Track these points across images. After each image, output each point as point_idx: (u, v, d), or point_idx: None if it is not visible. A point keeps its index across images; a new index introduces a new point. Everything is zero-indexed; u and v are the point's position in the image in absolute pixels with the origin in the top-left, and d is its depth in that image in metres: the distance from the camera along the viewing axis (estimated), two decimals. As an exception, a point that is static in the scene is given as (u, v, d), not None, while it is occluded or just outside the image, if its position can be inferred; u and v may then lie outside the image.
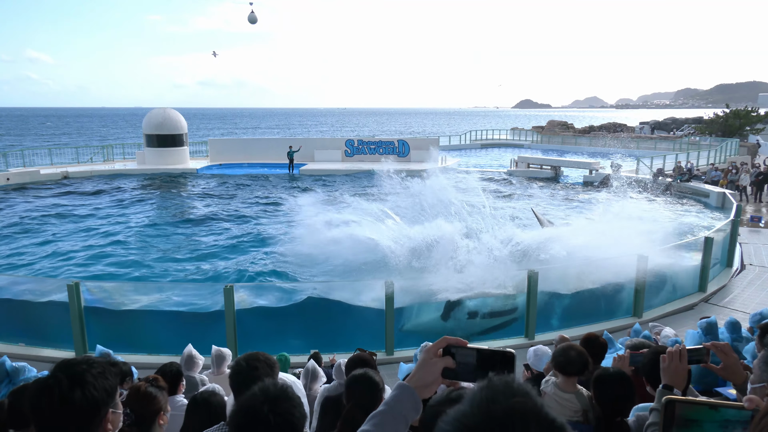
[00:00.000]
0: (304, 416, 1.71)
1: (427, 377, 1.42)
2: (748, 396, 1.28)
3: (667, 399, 1.33)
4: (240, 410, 1.67)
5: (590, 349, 3.52)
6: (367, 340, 8.54)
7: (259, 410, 1.62)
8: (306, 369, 4.76)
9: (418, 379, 1.43)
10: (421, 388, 1.42)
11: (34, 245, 15.18)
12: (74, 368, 1.55)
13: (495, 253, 11.76)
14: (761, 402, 1.25)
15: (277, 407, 1.64)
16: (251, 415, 1.63)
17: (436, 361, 1.41)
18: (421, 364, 1.44)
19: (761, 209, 20.01)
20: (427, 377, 1.42)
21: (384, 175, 17.89)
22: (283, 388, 1.71)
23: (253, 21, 29.06)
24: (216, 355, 5.22)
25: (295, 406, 1.68)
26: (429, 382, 1.42)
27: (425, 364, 1.43)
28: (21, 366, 4.35)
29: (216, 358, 5.20)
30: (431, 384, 1.42)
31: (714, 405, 1.33)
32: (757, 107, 48.72)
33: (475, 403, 0.90)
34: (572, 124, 59.63)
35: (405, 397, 1.41)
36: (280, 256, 13.82)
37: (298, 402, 1.71)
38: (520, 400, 0.88)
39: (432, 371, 1.41)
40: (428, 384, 1.42)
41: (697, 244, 11.07)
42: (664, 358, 2.07)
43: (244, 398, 1.69)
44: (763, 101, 69.52)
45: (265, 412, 1.62)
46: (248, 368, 2.62)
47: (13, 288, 9.75)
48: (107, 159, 32.30)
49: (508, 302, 9.53)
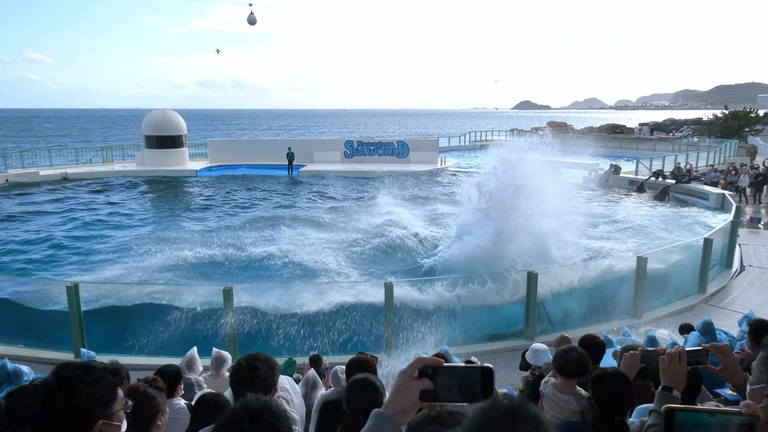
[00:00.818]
0: (290, 429, 1.63)
1: (405, 402, 1.34)
2: (745, 402, 1.29)
3: (666, 408, 1.33)
4: (221, 427, 1.60)
5: (588, 349, 3.53)
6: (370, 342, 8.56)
7: (240, 425, 1.56)
8: (306, 378, 4.78)
9: (396, 404, 1.35)
10: (400, 414, 1.34)
11: (33, 246, 15.17)
12: (66, 372, 1.52)
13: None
14: (758, 408, 1.26)
15: (259, 421, 1.57)
16: (230, 430, 1.56)
17: (413, 384, 1.34)
18: (396, 389, 1.36)
19: (760, 210, 20.02)
20: (405, 402, 1.34)
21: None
22: (267, 402, 1.63)
23: (252, 22, 29.07)
24: (216, 357, 5.21)
25: (279, 420, 1.60)
26: (407, 407, 1.34)
27: (401, 388, 1.35)
28: (22, 369, 4.35)
29: (216, 361, 5.19)
30: (409, 409, 1.34)
31: (712, 412, 1.34)
32: (756, 108, 48.74)
33: (472, 428, 0.87)
34: (571, 125, 59.66)
35: (383, 425, 1.34)
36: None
37: (283, 416, 1.63)
38: (521, 428, 0.84)
39: (410, 395, 1.33)
40: (406, 409, 1.34)
41: (696, 245, 11.07)
42: (664, 359, 2.07)
43: (226, 414, 1.63)
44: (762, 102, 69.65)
45: (246, 427, 1.55)
46: (248, 368, 2.61)
47: (11, 289, 9.74)
48: (107, 160, 32.30)
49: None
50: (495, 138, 54.42)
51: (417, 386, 1.33)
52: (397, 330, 8.39)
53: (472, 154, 45.15)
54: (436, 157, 31.98)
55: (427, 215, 18.20)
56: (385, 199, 19.78)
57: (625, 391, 2.68)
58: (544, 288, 9.27)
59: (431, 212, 18.66)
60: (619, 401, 2.67)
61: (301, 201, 21.73)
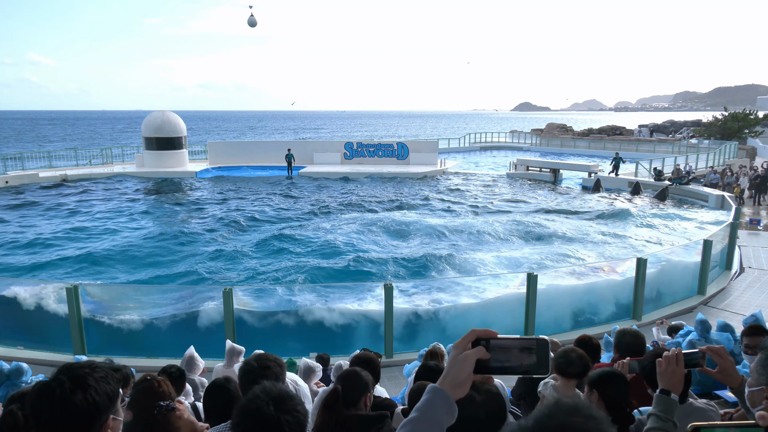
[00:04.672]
0: (307, 413, 1.72)
1: (459, 375, 1.28)
2: (761, 413, 1.30)
3: (692, 427, 1.34)
4: (244, 410, 1.66)
5: (584, 350, 3.54)
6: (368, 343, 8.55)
7: (264, 409, 1.63)
8: (301, 366, 4.86)
9: (452, 378, 1.29)
10: (455, 388, 1.29)
11: (33, 247, 15.17)
12: (77, 371, 1.54)
13: None
14: None
15: (282, 405, 1.65)
16: (256, 414, 1.63)
17: (467, 354, 1.28)
18: (452, 362, 1.31)
19: (760, 212, 20.03)
20: (459, 375, 1.28)
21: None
22: (285, 388, 1.72)
23: (252, 24, 29.09)
24: (230, 349, 5.26)
25: (299, 404, 1.69)
26: (462, 380, 1.29)
27: (456, 361, 1.30)
28: (22, 366, 4.31)
29: (229, 353, 5.24)
30: (464, 382, 1.29)
31: (731, 426, 1.34)
32: (755, 110, 48.76)
33: (536, 417, 0.90)
34: (571, 126, 59.67)
35: (438, 402, 1.28)
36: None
37: (300, 400, 1.72)
38: (579, 420, 0.87)
39: (464, 367, 1.28)
40: (461, 382, 1.29)
41: (696, 246, 11.08)
42: (660, 362, 2.07)
43: (247, 399, 1.70)
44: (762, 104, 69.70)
45: (271, 410, 1.63)
46: (259, 368, 2.65)
47: (11, 290, 9.74)
48: (106, 162, 32.31)
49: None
50: (495, 140, 54.52)
51: (472, 356, 1.28)
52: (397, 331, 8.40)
53: (472, 155, 45.21)
54: (435, 158, 31.99)
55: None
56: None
57: (622, 391, 2.71)
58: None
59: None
60: (618, 401, 2.69)
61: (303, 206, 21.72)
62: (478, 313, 9.74)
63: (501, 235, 16.39)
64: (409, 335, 9.20)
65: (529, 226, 17.57)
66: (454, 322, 9.44)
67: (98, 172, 28.81)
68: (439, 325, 9.39)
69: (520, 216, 19.04)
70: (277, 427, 1.62)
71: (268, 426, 1.62)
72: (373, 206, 21.06)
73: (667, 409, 1.98)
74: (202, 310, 9.18)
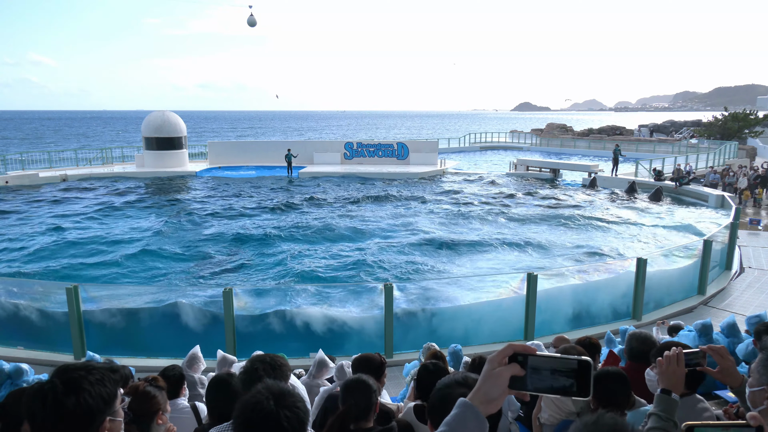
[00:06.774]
0: (308, 411, 1.74)
1: (492, 391, 1.23)
2: (751, 414, 1.31)
3: (686, 426, 1.34)
4: (246, 406, 1.68)
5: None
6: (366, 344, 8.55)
7: (264, 404, 1.65)
8: (316, 358, 4.83)
9: (484, 393, 1.23)
10: (486, 404, 1.23)
11: (33, 248, 15.16)
12: (71, 374, 1.52)
13: None
14: (763, 421, 1.29)
15: (283, 401, 1.67)
16: (256, 408, 1.66)
17: (502, 370, 1.23)
18: (485, 377, 1.25)
19: (760, 212, 20.03)
20: (492, 391, 1.23)
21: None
22: (285, 385, 1.75)
23: (252, 24, 29.08)
24: (221, 359, 5.22)
25: (299, 401, 1.72)
26: (495, 396, 1.23)
27: (489, 375, 1.24)
28: (22, 366, 4.31)
29: (221, 363, 5.20)
30: (497, 398, 1.23)
31: (726, 426, 1.38)
32: (755, 110, 48.78)
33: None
34: (571, 127, 59.67)
35: (468, 417, 1.22)
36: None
37: (300, 397, 1.74)
38: None
39: (498, 383, 1.22)
40: (494, 398, 1.23)
41: (695, 246, 11.08)
42: (661, 362, 2.07)
43: (249, 395, 1.72)
44: (762, 104, 69.75)
45: (272, 406, 1.65)
46: (260, 369, 2.66)
47: (11, 290, 9.73)
48: (106, 162, 32.32)
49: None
50: (495, 140, 54.50)
51: (506, 373, 1.23)
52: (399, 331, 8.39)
53: (472, 155, 45.21)
54: (435, 158, 31.98)
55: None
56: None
57: (622, 389, 2.72)
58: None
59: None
60: (617, 400, 2.70)
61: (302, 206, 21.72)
62: (478, 313, 9.73)
63: (501, 235, 16.40)
64: (409, 335, 9.20)
65: (529, 226, 17.58)
66: (455, 322, 9.44)
67: (98, 172, 28.81)
68: (439, 325, 9.38)
69: (520, 216, 19.05)
70: (276, 422, 1.64)
71: (267, 420, 1.64)
72: (373, 206, 21.09)
73: (668, 409, 1.98)
74: (202, 309, 9.18)
